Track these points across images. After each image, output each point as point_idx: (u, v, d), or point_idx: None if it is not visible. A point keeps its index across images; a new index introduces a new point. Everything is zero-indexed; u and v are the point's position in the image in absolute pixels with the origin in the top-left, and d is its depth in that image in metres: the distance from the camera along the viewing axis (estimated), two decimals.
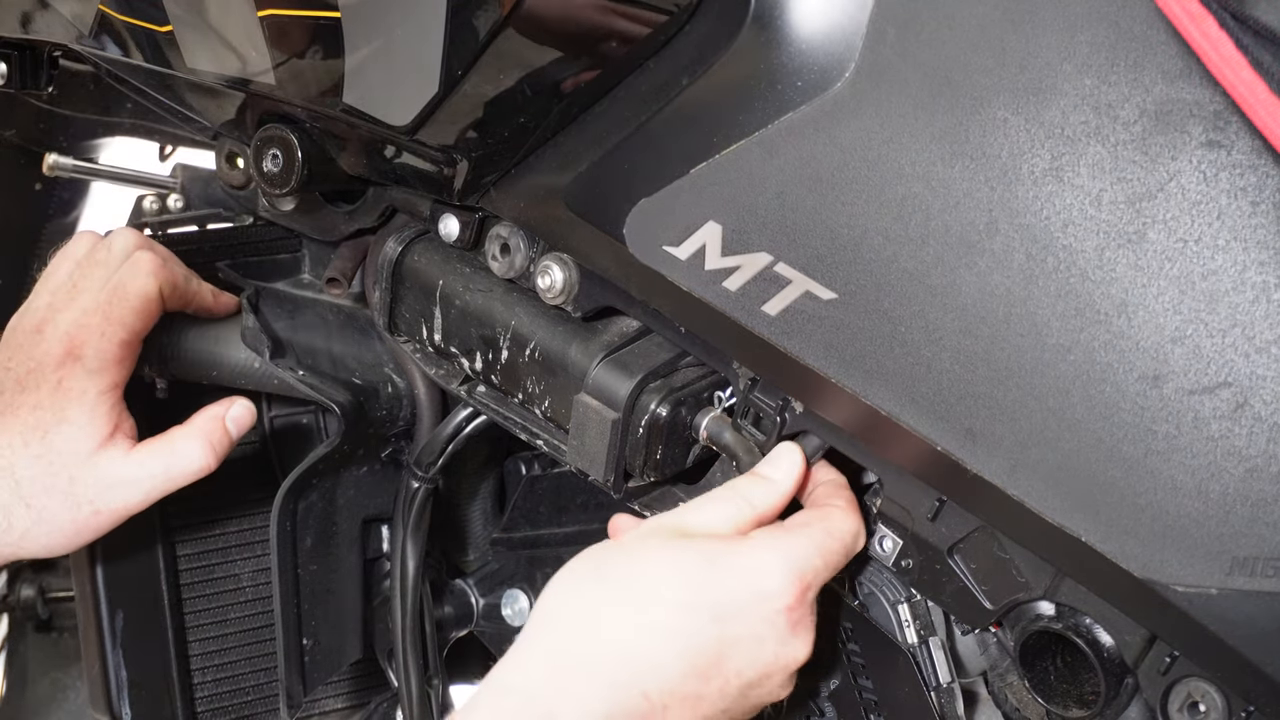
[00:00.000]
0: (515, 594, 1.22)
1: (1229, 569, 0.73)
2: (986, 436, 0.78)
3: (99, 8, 1.09)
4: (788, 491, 0.90)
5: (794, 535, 0.86)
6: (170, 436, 1.05)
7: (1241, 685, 0.78)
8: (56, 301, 1.04)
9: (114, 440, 1.03)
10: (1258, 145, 0.71)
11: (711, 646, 0.82)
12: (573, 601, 0.84)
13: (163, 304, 1.06)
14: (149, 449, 1.04)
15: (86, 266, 1.05)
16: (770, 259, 0.82)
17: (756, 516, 0.88)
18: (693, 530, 0.86)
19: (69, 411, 1.01)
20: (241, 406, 1.07)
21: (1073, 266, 0.75)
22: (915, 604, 0.98)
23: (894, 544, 0.91)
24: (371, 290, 1.11)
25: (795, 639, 0.84)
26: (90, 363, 1.02)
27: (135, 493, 1.04)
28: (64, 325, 1.02)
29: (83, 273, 1.05)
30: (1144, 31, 0.73)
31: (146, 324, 1.05)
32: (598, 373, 0.96)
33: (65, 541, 1.04)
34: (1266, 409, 0.71)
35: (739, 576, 0.83)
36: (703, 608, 0.82)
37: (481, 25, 0.87)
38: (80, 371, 1.02)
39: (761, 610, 0.83)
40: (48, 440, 1.01)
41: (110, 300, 1.03)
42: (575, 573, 0.86)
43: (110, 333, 1.02)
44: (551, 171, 0.92)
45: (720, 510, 0.88)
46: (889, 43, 0.78)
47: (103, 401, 1.02)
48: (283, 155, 1.04)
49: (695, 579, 0.83)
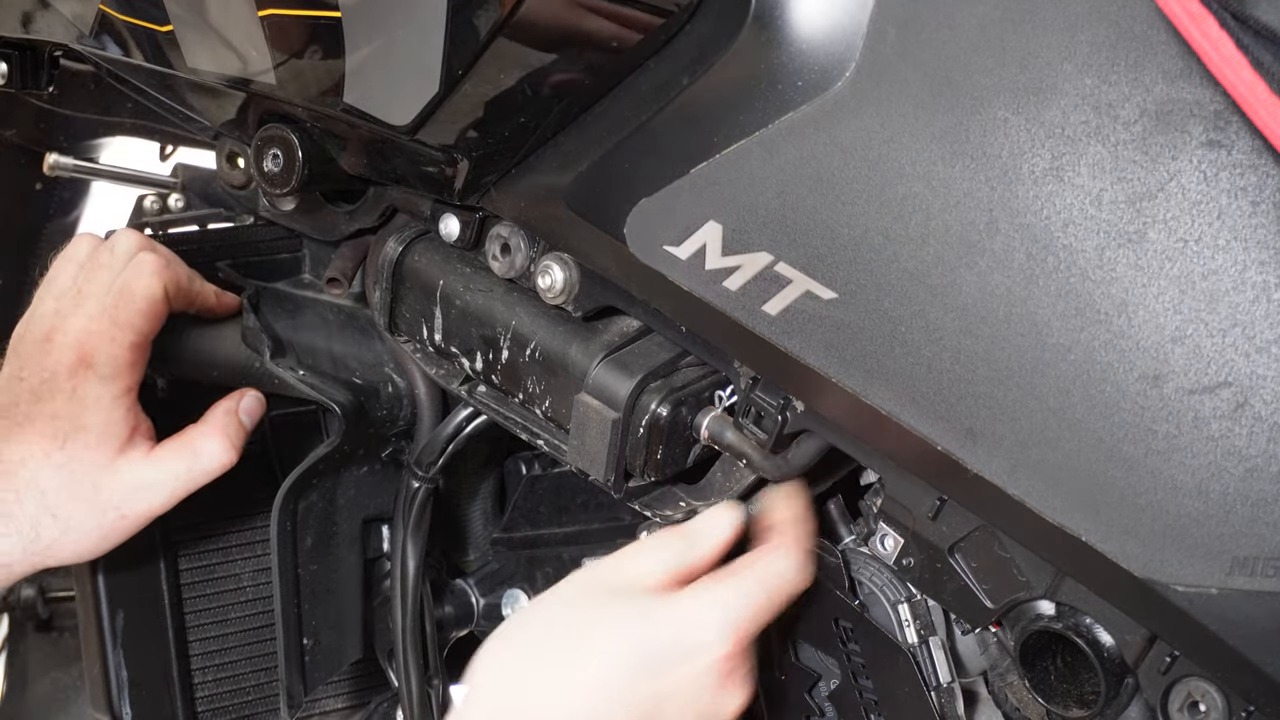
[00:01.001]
0: (515, 594, 1.22)
1: (1229, 569, 0.73)
2: (987, 436, 0.78)
3: (100, 7, 1.09)
4: (721, 545, 0.91)
5: (728, 585, 0.87)
6: (189, 436, 1.05)
7: (1241, 685, 0.78)
8: (63, 307, 1.04)
9: (133, 443, 1.03)
10: (1258, 145, 0.71)
11: (648, 703, 0.83)
12: (507, 664, 0.85)
13: (168, 305, 1.06)
14: (169, 450, 1.05)
15: (90, 270, 1.05)
16: (770, 259, 0.82)
17: (691, 567, 0.88)
18: (627, 581, 0.86)
19: (86, 419, 1.02)
20: (252, 398, 1.09)
21: (1073, 266, 0.75)
22: (915, 604, 0.98)
23: (895, 543, 0.91)
24: (372, 290, 1.11)
25: (731, 689, 0.85)
26: (103, 369, 1.02)
27: (159, 495, 1.04)
28: (73, 333, 1.02)
29: (86, 276, 1.05)
30: (1144, 31, 0.73)
31: (154, 326, 1.05)
32: (598, 372, 0.96)
33: (92, 547, 1.05)
34: (1266, 409, 0.71)
35: (673, 631, 0.84)
36: (638, 664, 0.83)
37: (482, 25, 0.87)
38: (94, 378, 1.02)
39: (697, 664, 0.84)
40: (68, 449, 1.01)
41: (117, 304, 1.03)
42: (507, 635, 0.87)
43: (120, 337, 1.02)
44: (552, 171, 0.92)
45: (655, 558, 0.88)
46: (889, 43, 0.78)
47: (118, 406, 1.02)
48: (283, 155, 1.04)
49: (630, 635, 0.84)
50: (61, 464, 1.01)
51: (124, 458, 1.03)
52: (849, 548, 1.01)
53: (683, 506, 1.01)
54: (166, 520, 1.25)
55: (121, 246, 1.06)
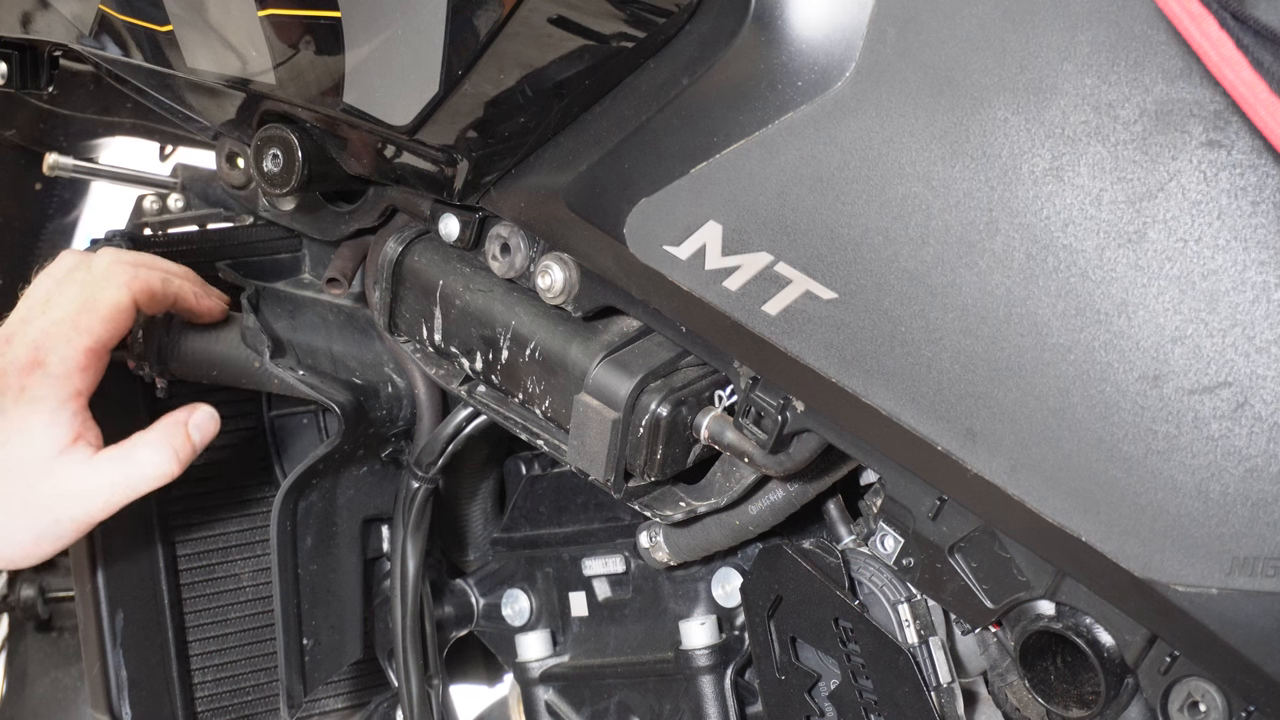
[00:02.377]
0: (515, 594, 1.22)
1: (1229, 569, 0.73)
2: (987, 436, 0.78)
3: (99, 7, 1.09)
4: None
5: None
6: (131, 443, 1.03)
7: (1242, 685, 0.78)
8: (29, 314, 1.03)
9: (74, 448, 1.01)
10: (1258, 145, 0.71)
11: None
12: None
13: (136, 313, 1.05)
14: (109, 456, 1.02)
15: (64, 283, 1.05)
16: (770, 259, 0.82)
17: None
18: None
19: (30, 419, 1.00)
20: (204, 414, 1.06)
21: (1073, 266, 0.75)
22: (915, 604, 0.98)
23: (895, 542, 0.91)
24: (371, 290, 1.11)
25: None
26: (54, 368, 1.00)
27: (94, 501, 1.02)
28: (32, 334, 1.01)
29: (59, 289, 1.05)
30: (1144, 31, 0.73)
31: (115, 334, 1.03)
32: (598, 372, 0.96)
33: (24, 553, 1.03)
34: (1266, 409, 0.71)
35: None
36: None
37: (482, 25, 0.88)
38: (43, 377, 1.00)
39: None
40: (8, 448, 1.00)
41: (80, 310, 1.02)
42: None
43: (76, 340, 1.01)
44: (552, 171, 0.92)
45: None
46: (889, 43, 0.78)
47: (65, 409, 1.01)
48: (283, 155, 1.04)
49: None
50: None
51: (61, 461, 1.01)
52: (849, 548, 1.01)
53: (683, 506, 1.01)
54: (166, 520, 1.26)
55: (99, 263, 1.06)
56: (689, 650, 1.10)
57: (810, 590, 0.98)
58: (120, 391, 1.16)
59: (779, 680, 1.01)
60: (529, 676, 1.20)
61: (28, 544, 1.02)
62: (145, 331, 1.10)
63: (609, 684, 1.16)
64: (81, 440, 1.02)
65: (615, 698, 1.15)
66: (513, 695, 1.51)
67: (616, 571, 1.16)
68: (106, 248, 1.12)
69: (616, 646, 1.16)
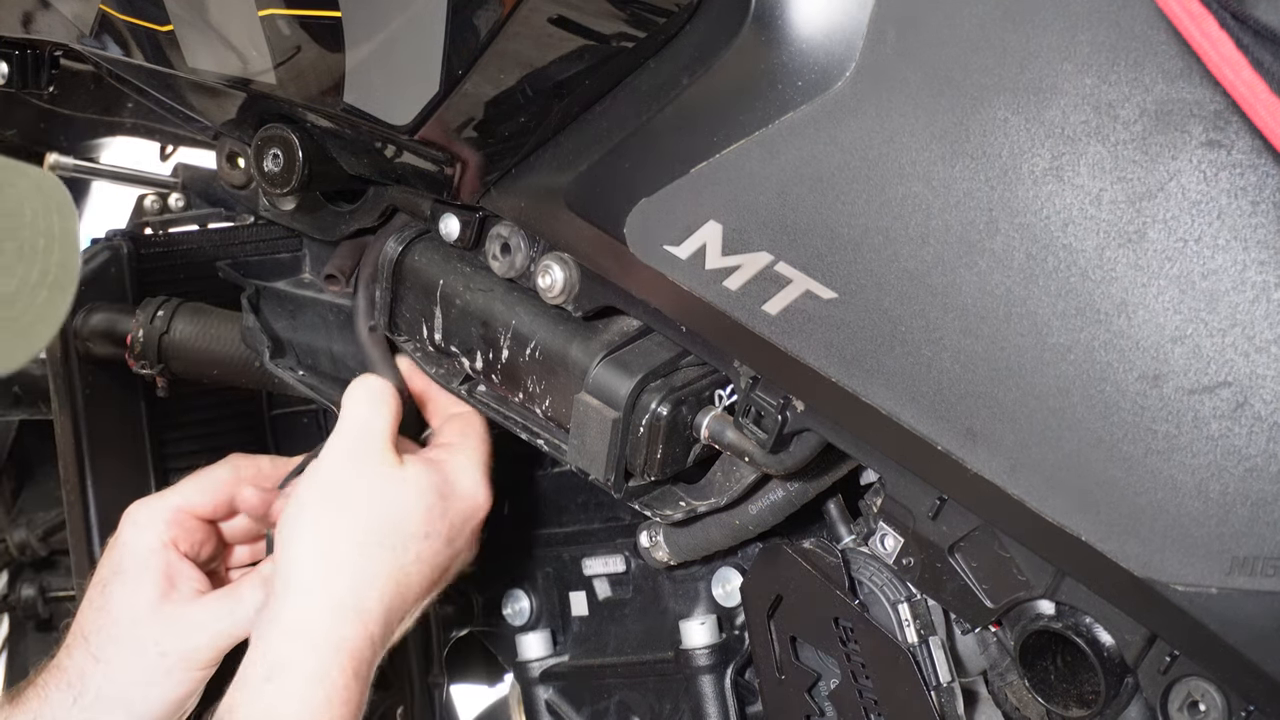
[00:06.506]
0: (515, 594, 1.22)
1: (1229, 568, 0.73)
2: (987, 436, 0.78)
3: (100, 7, 1.09)
4: None
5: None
6: (236, 586, 1.05)
7: (1241, 685, 0.78)
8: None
9: (175, 587, 1.04)
10: (1258, 145, 0.71)
11: None
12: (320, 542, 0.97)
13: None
14: (214, 598, 1.04)
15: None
16: (771, 258, 0.82)
17: None
18: None
19: (125, 563, 1.04)
20: None
21: (1073, 266, 0.75)
22: (915, 603, 0.98)
23: (895, 542, 0.92)
24: (365, 289, 1.11)
25: None
26: (139, 517, 1.05)
27: (202, 638, 1.02)
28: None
29: None
30: (1144, 31, 0.73)
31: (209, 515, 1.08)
32: (598, 372, 0.96)
33: (142, 695, 1.02)
34: (1266, 408, 0.71)
35: None
36: None
37: (482, 25, 0.88)
38: (128, 525, 1.05)
39: None
40: (108, 592, 1.03)
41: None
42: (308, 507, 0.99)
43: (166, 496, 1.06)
44: (552, 171, 0.92)
45: None
46: (889, 43, 0.78)
47: (155, 555, 1.03)
48: (283, 155, 1.04)
49: None
50: (100, 607, 1.03)
51: (165, 602, 1.03)
52: (849, 548, 1.01)
53: (683, 506, 1.01)
54: None
55: None
56: (689, 650, 1.10)
57: (810, 590, 0.98)
58: (120, 391, 1.17)
59: (779, 680, 1.01)
60: (529, 676, 1.20)
61: (140, 683, 1.02)
62: (145, 331, 1.11)
63: (609, 683, 1.16)
64: (180, 579, 1.06)
65: (615, 697, 1.15)
66: (513, 695, 1.52)
67: (617, 571, 1.16)
68: None
69: (617, 646, 1.16)
